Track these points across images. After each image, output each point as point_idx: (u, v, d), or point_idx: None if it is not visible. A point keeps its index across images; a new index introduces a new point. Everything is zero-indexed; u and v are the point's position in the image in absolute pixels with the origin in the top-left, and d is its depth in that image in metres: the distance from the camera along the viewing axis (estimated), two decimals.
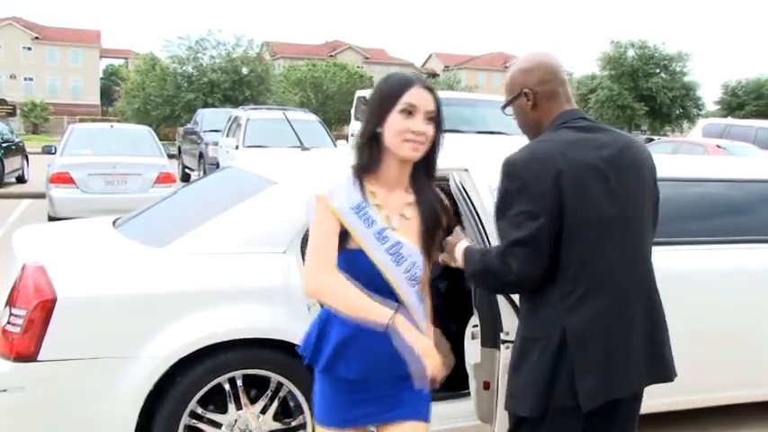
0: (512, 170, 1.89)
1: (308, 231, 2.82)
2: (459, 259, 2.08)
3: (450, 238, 2.15)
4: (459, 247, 2.10)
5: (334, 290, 1.85)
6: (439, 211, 1.98)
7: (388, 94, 1.89)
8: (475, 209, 2.77)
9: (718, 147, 11.75)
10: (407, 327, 1.85)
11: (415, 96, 1.87)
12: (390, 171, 1.91)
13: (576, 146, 1.90)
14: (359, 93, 16.80)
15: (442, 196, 2.03)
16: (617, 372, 1.88)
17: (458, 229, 2.22)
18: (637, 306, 1.94)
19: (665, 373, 2.01)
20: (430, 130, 1.88)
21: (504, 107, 2.15)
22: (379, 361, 1.88)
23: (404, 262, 1.89)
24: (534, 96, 2.02)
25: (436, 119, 1.90)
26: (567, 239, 1.84)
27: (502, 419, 2.33)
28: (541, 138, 2.00)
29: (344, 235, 1.87)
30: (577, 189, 1.84)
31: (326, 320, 1.94)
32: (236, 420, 2.75)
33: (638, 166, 1.99)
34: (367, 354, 1.88)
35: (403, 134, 1.85)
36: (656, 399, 2.35)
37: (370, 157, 1.90)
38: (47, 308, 2.50)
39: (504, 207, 1.90)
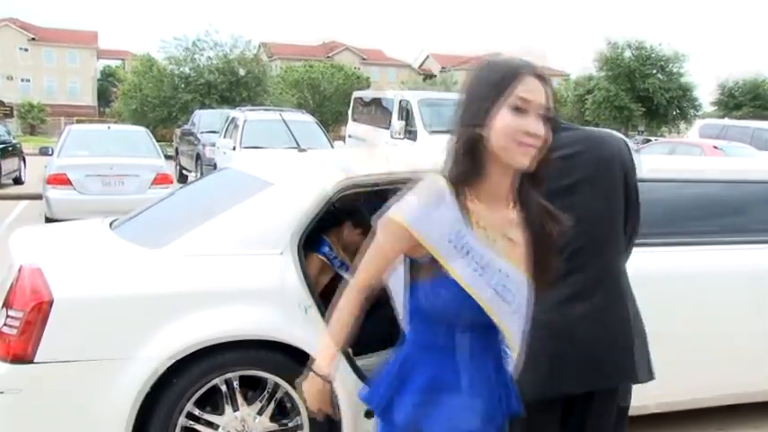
0: None
1: (304, 232, 2.86)
2: None
3: None
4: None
5: (337, 307, 1.64)
6: (552, 230, 1.60)
7: (495, 86, 1.50)
8: None
9: (715, 148, 11.78)
10: (314, 382, 1.69)
11: (529, 88, 1.50)
12: (494, 183, 1.53)
13: None
14: (356, 94, 16.83)
15: (551, 209, 1.64)
16: (562, 370, 1.91)
17: None
18: (595, 303, 1.95)
19: (627, 376, 2.01)
20: (545, 130, 1.50)
21: None
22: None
23: (511, 297, 1.55)
24: None
25: (550, 116, 1.52)
26: None
27: None
28: None
29: (420, 262, 1.53)
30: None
31: (407, 362, 1.61)
32: (232, 421, 2.76)
33: (603, 164, 2.00)
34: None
35: (516, 136, 1.47)
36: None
37: (470, 166, 1.51)
38: (43, 310, 2.50)
39: None
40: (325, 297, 3.21)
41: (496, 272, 1.54)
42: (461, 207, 1.51)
